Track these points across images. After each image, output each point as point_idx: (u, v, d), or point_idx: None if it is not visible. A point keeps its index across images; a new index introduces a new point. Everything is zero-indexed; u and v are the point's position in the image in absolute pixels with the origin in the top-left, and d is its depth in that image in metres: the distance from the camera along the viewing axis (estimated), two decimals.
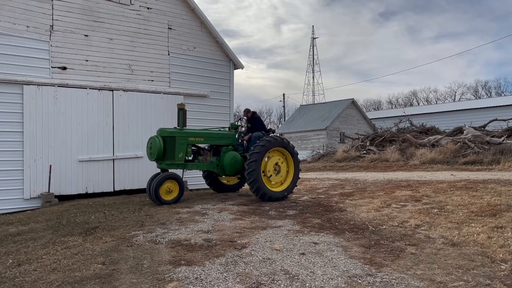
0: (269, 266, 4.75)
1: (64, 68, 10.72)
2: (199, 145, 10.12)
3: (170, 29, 12.45)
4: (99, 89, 11.21)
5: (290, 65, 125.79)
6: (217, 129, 10.77)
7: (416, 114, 35.84)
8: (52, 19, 10.52)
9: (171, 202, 8.98)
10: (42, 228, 7.10)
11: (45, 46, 10.44)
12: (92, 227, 6.89)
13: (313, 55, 67.70)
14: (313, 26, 79.03)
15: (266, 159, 9.47)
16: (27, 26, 10.20)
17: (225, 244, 5.66)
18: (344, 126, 37.09)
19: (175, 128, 9.65)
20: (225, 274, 4.47)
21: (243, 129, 10.85)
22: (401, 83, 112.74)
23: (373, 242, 5.72)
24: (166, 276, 4.42)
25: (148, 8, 12.04)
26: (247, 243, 5.69)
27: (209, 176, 10.82)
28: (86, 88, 11.01)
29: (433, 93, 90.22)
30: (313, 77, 67.72)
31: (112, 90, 11.42)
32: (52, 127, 10.50)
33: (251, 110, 10.86)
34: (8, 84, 9.93)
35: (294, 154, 9.92)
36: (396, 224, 6.74)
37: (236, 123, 10.92)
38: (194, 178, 12.22)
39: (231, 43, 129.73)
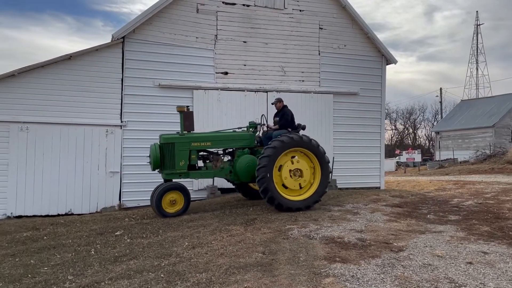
0: (431, 272, 4.46)
1: (226, 73, 11.82)
2: (210, 149, 9.06)
3: (321, 28, 12.61)
4: (255, 91, 12.04)
5: (444, 56, 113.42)
6: (231, 130, 9.48)
7: None
8: (216, 29, 11.69)
9: (175, 214, 8.22)
10: (209, 217, 7.99)
11: (210, 54, 11.67)
12: (251, 218, 7.46)
13: (477, 44, 60.27)
14: (477, 11, 70.10)
15: (289, 162, 8.14)
16: (196, 37, 11.54)
17: (380, 245, 5.52)
18: None
19: (177, 133, 8.81)
20: (382, 276, 4.37)
21: (265, 128, 9.37)
22: None
23: None
24: (322, 271, 4.53)
25: (300, 11, 12.41)
26: (404, 246, 5.44)
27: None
28: (244, 91, 11.95)
29: None
30: (477, 69, 60.29)
31: (267, 92, 12.13)
32: (216, 127, 11.66)
33: (283, 102, 9.44)
34: (182, 89, 11.43)
35: (320, 155, 8.32)
36: None
37: (259, 121, 9.39)
38: (344, 177, 12.19)
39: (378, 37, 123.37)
